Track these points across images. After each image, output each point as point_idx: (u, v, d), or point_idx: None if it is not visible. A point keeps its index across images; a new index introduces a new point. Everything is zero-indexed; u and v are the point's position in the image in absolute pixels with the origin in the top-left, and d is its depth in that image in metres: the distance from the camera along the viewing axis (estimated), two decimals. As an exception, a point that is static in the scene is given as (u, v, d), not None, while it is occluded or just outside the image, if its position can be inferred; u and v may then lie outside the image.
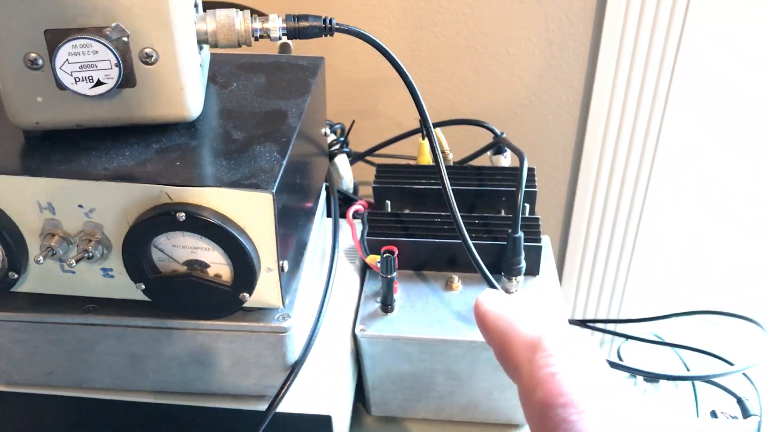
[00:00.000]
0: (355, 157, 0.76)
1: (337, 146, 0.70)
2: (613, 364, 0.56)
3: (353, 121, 0.71)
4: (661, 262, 0.98)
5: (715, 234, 0.97)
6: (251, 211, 0.41)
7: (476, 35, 0.85)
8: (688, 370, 0.91)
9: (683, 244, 0.98)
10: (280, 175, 0.41)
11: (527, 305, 0.48)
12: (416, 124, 0.68)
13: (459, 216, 0.51)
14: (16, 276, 0.44)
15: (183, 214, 0.40)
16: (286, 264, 0.43)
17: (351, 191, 0.71)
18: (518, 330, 0.36)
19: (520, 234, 0.54)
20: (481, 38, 0.86)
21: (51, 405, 0.50)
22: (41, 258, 0.42)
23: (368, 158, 0.81)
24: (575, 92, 0.87)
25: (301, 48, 0.89)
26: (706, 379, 0.65)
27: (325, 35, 0.46)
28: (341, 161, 0.70)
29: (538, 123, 0.90)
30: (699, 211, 0.95)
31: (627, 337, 0.93)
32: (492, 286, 0.52)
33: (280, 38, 0.45)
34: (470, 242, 0.51)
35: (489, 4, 0.83)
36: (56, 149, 0.43)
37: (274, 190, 0.40)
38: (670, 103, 0.83)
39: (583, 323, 0.99)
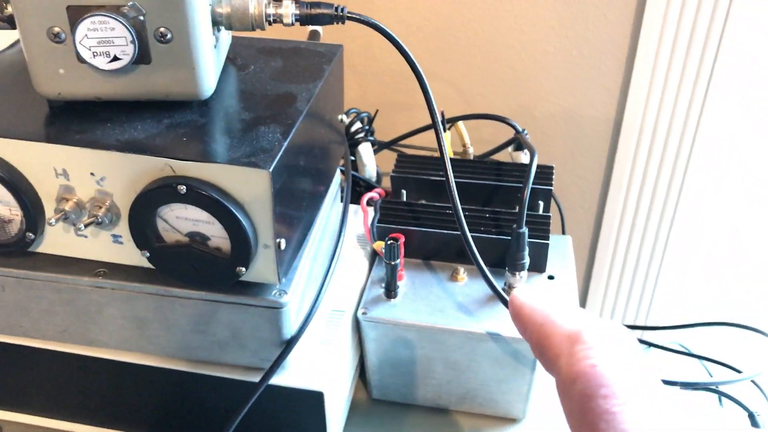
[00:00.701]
0: (380, 146, 0.77)
1: (361, 134, 0.71)
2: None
3: (377, 111, 0.72)
4: (691, 270, 0.96)
5: (749, 244, 0.95)
6: (249, 188, 0.42)
7: (514, 32, 0.85)
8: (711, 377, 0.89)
9: (715, 253, 0.95)
10: (279, 155, 0.43)
11: (562, 301, 0.48)
12: (448, 116, 0.69)
13: (459, 206, 0.51)
14: (32, 236, 0.46)
15: (184, 186, 0.42)
16: (283, 242, 0.45)
17: (373, 179, 0.72)
18: (557, 323, 0.36)
19: (525, 230, 0.54)
20: (518, 35, 0.85)
21: (63, 361, 0.53)
22: (53, 220, 0.44)
23: (399, 148, 0.82)
24: (611, 93, 0.86)
25: (339, 36, 0.91)
26: (714, 389, 0.64)
27: (337, 23, 0.47)
28: (365, 149, 0.71)
29: (572, 123, 0.90)
30: (733, 220, 0.93)
31: (649, 344, 0.91)
32: (486, 278, 0.53)
33: (292, 23, 0.47)
34: (468, 233, 0.52)
35: (527, 0, 0.83)
36: (75, 119, 0.46)
37: (271, 169, 0.41)
38: (707, 109, 0.81)
39: (607, 328, 0.98)
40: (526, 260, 0.55)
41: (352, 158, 0.73)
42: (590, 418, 0.30)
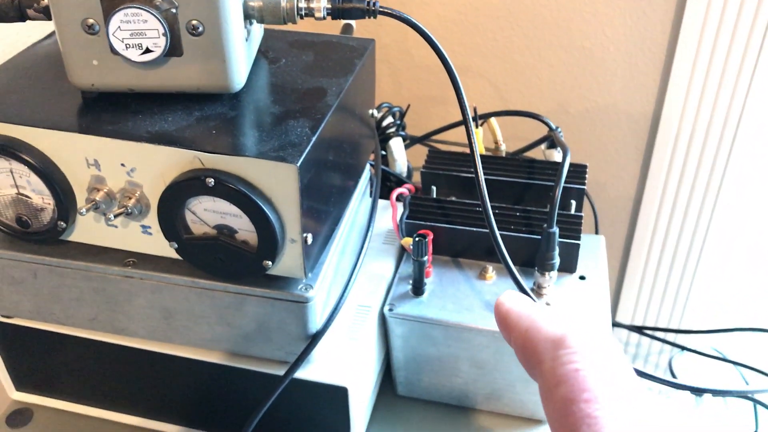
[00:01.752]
0: (411, 141, 0.77)
1: (393, 129, 0.71)
2: (639, 373, 0.54)
3: (408, 105, 0.72)
4: (728, 273, 0.94)
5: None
6: (276, 182, 0.42)
7: (551, 27, 0.84)
8: (747, 384, 0.88)
9: (753, 256, 0.93)
10: (307, 150, 0.42)
11: (549, 306, 0.49)
12: (485, 111, 0.69)
13: (488, 204, 0.51)
14: (64, 225, 0.47)
15: (212, 179, 0.42)
16: (310, 237, 0.45)
17: (404, 174, 0.72)
18: (541, 327, 0.36)
19: (555, 229, 0.54)
20: (555, 30, 0.84)
21: (93, 348, 0.53)
22: (84, 210, 0.45)
23: (431, 143, 0.81)
24: (649, 91, 0.84)
25: (373, 30, 0.90)
26: (749, 397, 0.63)
27: (369, 17, 0.47)
28: (396, 144, 0.71)
29: (609, 121, 0.88)
30: (776, 226, 0.90)
31: (683, 348, 0.90)
32: (514, 278, 0.52)
33: (324, 17, 0.47)
34: (497, 232, 0.51)
35: (566, -4, 0.82)
36: (108, 110, 0.46)
37: (299, 164, 0.41)
38: (748, 109, 0.79)
39: (639, 330, 0.96)
40: (556, 260, 0.54)
41: (383, 153, 0.73)
42: (572, 421, 0.30)
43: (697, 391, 0.51)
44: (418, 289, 0.55)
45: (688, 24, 0.77)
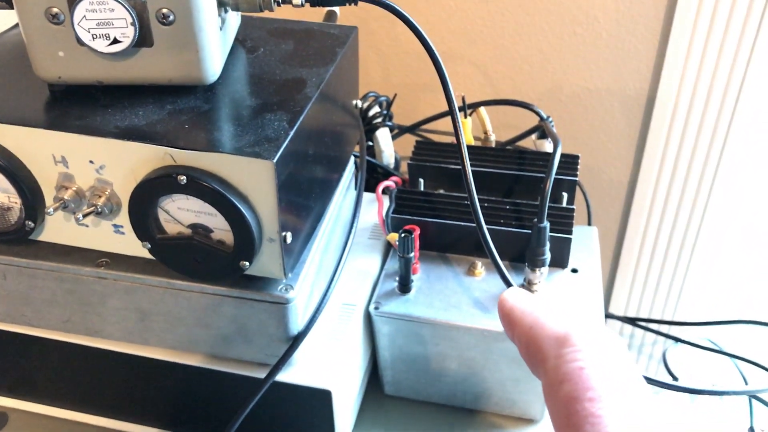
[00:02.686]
0: (400, 131, 0.75)
1: (379, 119, 0.69)
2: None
3: (395, 95, 0.69)
4: (723, 264, 0.93)
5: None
6: (252, 180, 0.40)
7: (542, 12, 0.82)
8: (744, 378, 0.87)
9: (748, 247, 0.92)
10: (284, 145, 0.40)
11: (554, 302, 0.48)
12: (474, 99, 0.66)
13: (476, 197, 0.49)
14: (32, 225, 0.45)
15: (184, 177, 0.40)
16: (289, 235, 0.43)
17: (391, 166, 0.70)
18: (546, 325, 0.36)
19: (546, 224, 0.52)
20: (546, 16, 0.82)
21: (67, 351, 0.51)
22: (51, 210, 0.43)
23: (420, 133, 0.79)
24: (642, 77, 0.82)
25: (361, 15, 0.88)
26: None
27: (350, 4, 0.45)
28: (382, 135, 0.68)
29: (602, 108, 0.86)
30: (767, 211, 0.89)
31: (677, 340, 0.88)
32: (502, 275, 0.50)
33: (302, 5, 0.45)
34: (484, 226, 0.49)
35: (557, -20, 0.79)
36: (76, 104, 0.44)
37: (275, 160, 0.39)
38: (744, 95, 0.77)
39: (633, 321, 0.95)
40: (547, 256, 0.52)
41: (370, 144, 0.70)
42: (575, 420, 0.30)
43: (695, 392, 0.50)
44: (404, 287, 0.53)
45: (682, 9, 0.75)
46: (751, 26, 0.73)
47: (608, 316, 0.95)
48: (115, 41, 0.42)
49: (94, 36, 0.41)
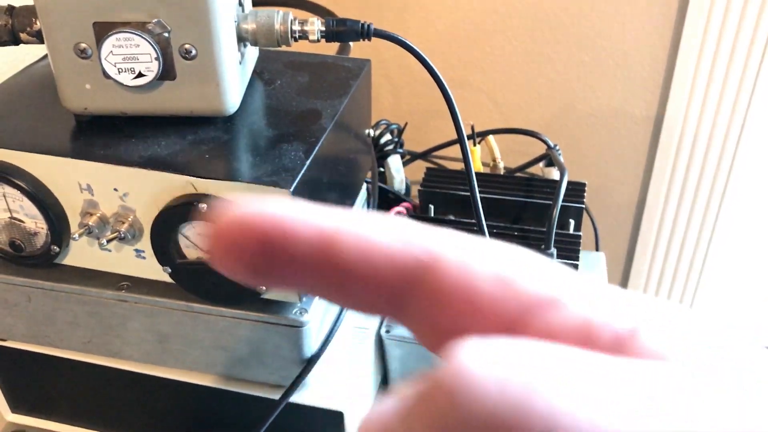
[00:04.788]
0: (411, 157, 0.77)
1: (391, 146, 0.71)
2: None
3: (406, 123, 0.71)
4: (730, 291, 0.93)
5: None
6: (270, 207, 0.42)
7: (550, 41, 0.84)
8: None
9: (756, 274, 0.92)
10: (301, 174, 0.42)
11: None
12: (483, 125, 0.68)
13: (484, 223, 0.50)
14: (57, 249, 0.47)
15: (205, 205, 0.42)
16: (304, 261, 0.44)
17: (402, 191, 0.72)
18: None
19: (553, 251, 0.53)
20: (555, 45, 0.84)
21: (87, 371, 0.53)
22: (77, 235, 0.44)
23: (431, 159, 0.81)
24: (649, 105, 0.84)
25: (372, 45, 0.90)
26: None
27: (363, 39, 0.47)
28: (394, 161, 0.70)
29: (609, 135, 0.88)
30: (779, 240, 0.90)
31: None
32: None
33: (318, 40, 0.46)
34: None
35: (564, 11, 0.81)
36: (100, 134, 0.46)
37: (291, 189, 0.41)
38: (748, 124, 0.79)
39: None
40: (554, 281, 0.53)
41: (382, 170, 0.72)
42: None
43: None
44: (415, 310, 0.55)
45: (687, 41, 0.76)
46: (756, 51, 0.74)
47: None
48: (140, 75, 0.44)
49: (120, 70, 0.43)
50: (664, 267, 0.91)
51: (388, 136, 0.72)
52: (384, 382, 0.59)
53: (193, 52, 0.43)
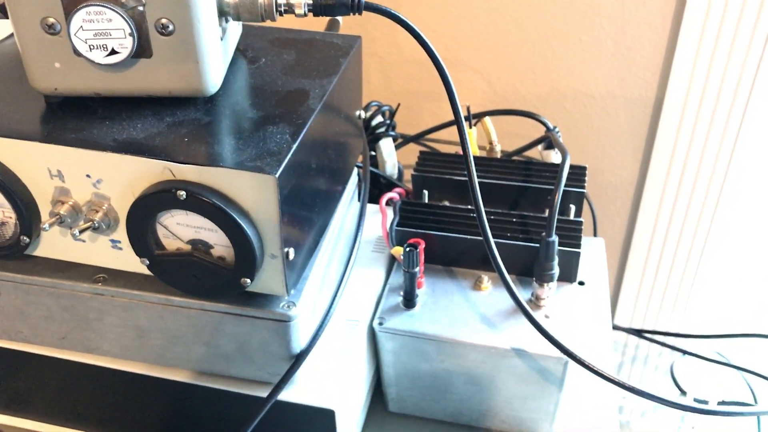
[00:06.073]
0: (404, 140, 0.74)
1: (382, 129, 0.68)
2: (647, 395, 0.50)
3: (398, 104, 0.68)
4: (730, 276, 0.91)
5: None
6: (254, 195, 0.39)
7: (547, 19, 0.81)
8: (753, 392, 0.85)
9: (757, 258, 0.90)
10: (287, 159, 0.39)
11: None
12: (478, 107, 0.65)
13: (483, 210, 0.48)
14: (27, 240, 0.44)
15: (183, 192, 0.39)
16: (292, 251, 0.42)
17: (395, 176, 0.69)
18: None
19: (554, 238, 0.51)
20: (552, 23, 0.81)
21: (63, 368, 0.50)
22: (47, 225, 0.41)
23: (424, 142, 0.78)
24: (648, 87, 0.81)
25: (362, 23, 0.87)
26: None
27: (353, 13, 0.44)
28: (386, 145, 0.67)
29: (607, 117, 0.85)
30: (780, 224, 0.88)
31: (684, 352, 0.87)
32: (510, 291, 0.49)
33: (305, 14, 0.43)
34: (491, 240, 0.48)
35: (562, -13, 0.78)
36: (72, 116, 0.43)
37: (277, 174, 0.38)
38: (752, 105, 0.76)
39: (639, 333, 0.93)
40: (555, 270, 0.51)
41: (373, 153, 0.69)
42: None
43: (702, 412, 0.48)
44: (409, 302, 0.52)
45: (689, 18, 0.73)
46: (761, 29, 0.71)
47: (614, 327, 0.93)
48: (113, 52, 0.40)
49: (92, 47, 0.40)
50: (663, 251, 0.89)
51: (379, 118, 0.69)
52: (376, 374, 0.56)
53: (171, 27, 0.40)
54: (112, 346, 0.48)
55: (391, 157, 0.68)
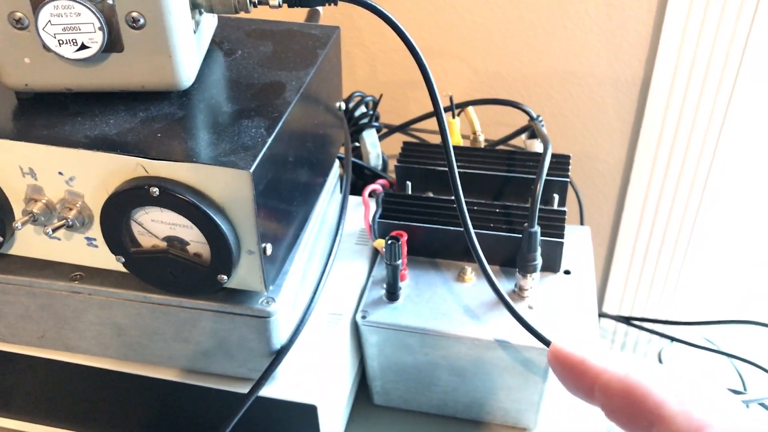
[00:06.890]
0: (389, 130, 0.73)
1: (366, 120, 0.67)
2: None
3: (381, 95, 0.68)
4: (718, 263, 0.91)
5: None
6: (228, 190, 0.38)
7: (532, 6, 0.80)
8: (742, 378, 0.85)
9: (744, 245, 0.90)
10: (262, 153, 0.39)
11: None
12: (463, 96, 0.65)
13: (463, 200, 0.47)
14: (1, 239, 0.43)
15: (157, 189, 0.38)
16: (269, 247, 0.41)
17: (379, 167, 0.68)
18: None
19: (537, 228, 0.50)
20: (536, 10, 0.80)
21: (42, 367, 0.50)
22: (20, 224, 0.41)
23: (409, 132, 0.77)
24: (634, 73, 0.80)
25: (345, 12, 0.86)
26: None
27: (329, 4, 0.43)
28: (369, 136, 0.67)
29: (593, 104, 0.84)
30: (766, 210, 0.87)
31: (672, 339, 0.87)
32: (491, 282, 0.49)
33: (279, 5, 0.43)
34: (471, 230, 0.48)
35: (546, -26, 0.78)
36: (44, 113, 0.42)
37: (252, 169, 0.37)
38: (737, 92, 0.76)
39: (627, 320, 0.93)
40: (538, 261, 0.51)
41: (357, 145, 0.69)
42: None
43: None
44: (392, 294, 0.52)
45: (674, 4, 0.73)
46: (747, 9, 0.71)
47: (602, 315, 0.93)
48: (83, 47, 0.40)
49: (61, 42, 0.39)
50: (650, 238, 0.89)
51: (362, 109, 0.68)
52: (360, 368, 0.56)
53: (141, 20, 0.39)
54: (91, 344, 0.48)
55: (374, 149, 0.67)
